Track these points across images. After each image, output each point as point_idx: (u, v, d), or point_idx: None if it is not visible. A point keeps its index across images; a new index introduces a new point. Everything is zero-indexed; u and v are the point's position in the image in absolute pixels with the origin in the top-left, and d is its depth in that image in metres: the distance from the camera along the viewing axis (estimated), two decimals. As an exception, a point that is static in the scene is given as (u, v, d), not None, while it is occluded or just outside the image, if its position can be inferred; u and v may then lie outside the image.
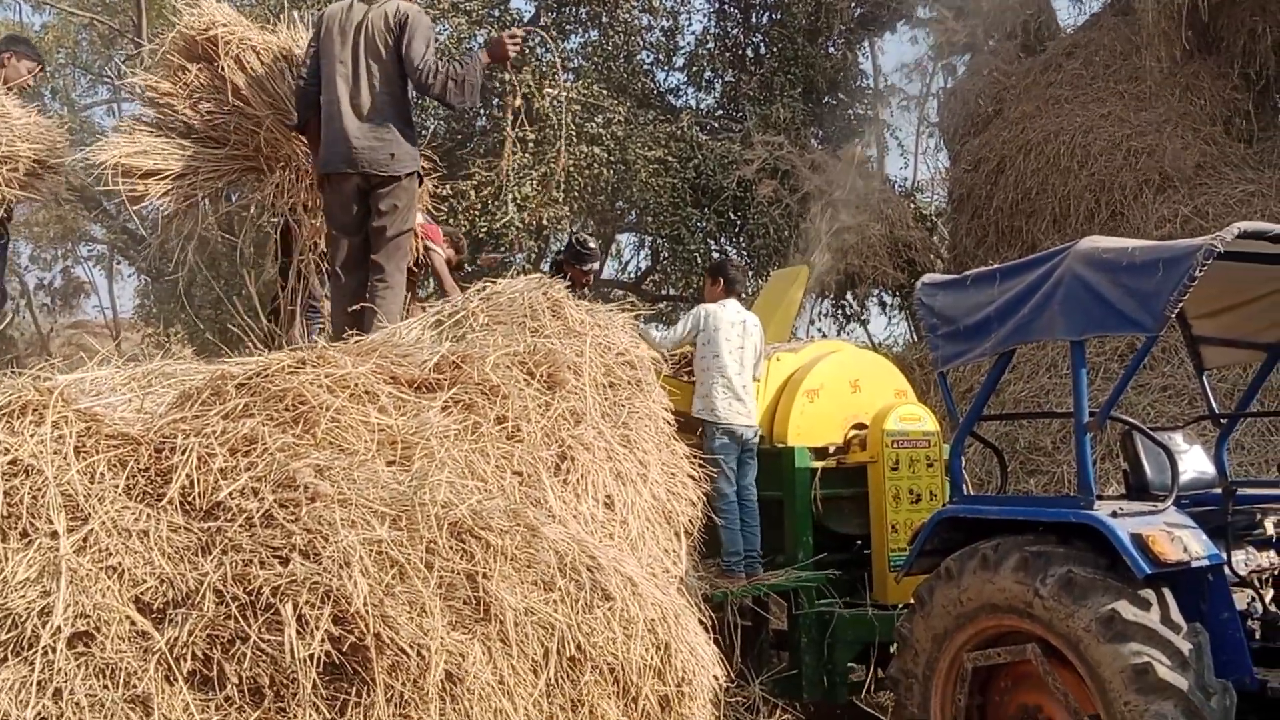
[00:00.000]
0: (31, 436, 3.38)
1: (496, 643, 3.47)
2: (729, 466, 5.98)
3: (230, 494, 3.46)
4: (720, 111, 15.32)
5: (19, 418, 3.43)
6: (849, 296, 13.93)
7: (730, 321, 6.18)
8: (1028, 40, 13.09)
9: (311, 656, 3.15)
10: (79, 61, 19.35)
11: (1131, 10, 11.42)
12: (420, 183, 5.76)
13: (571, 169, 12.35)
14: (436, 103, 5.66)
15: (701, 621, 4.37)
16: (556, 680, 3.57)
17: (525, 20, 14.61)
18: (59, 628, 3.04)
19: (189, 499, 3.47)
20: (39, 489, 3.30)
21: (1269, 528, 4.53)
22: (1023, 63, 12.74)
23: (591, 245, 7.89)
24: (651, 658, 3.81)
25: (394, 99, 5.48)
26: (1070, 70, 11.97)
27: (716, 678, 4.09)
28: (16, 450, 3.33)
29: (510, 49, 5.63)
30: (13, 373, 3.71)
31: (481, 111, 14.84)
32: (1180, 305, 4.05)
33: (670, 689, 3.86)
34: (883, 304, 14.43)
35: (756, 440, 6.19)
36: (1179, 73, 11.07)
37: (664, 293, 15.56)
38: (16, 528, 3.23)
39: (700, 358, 6.09)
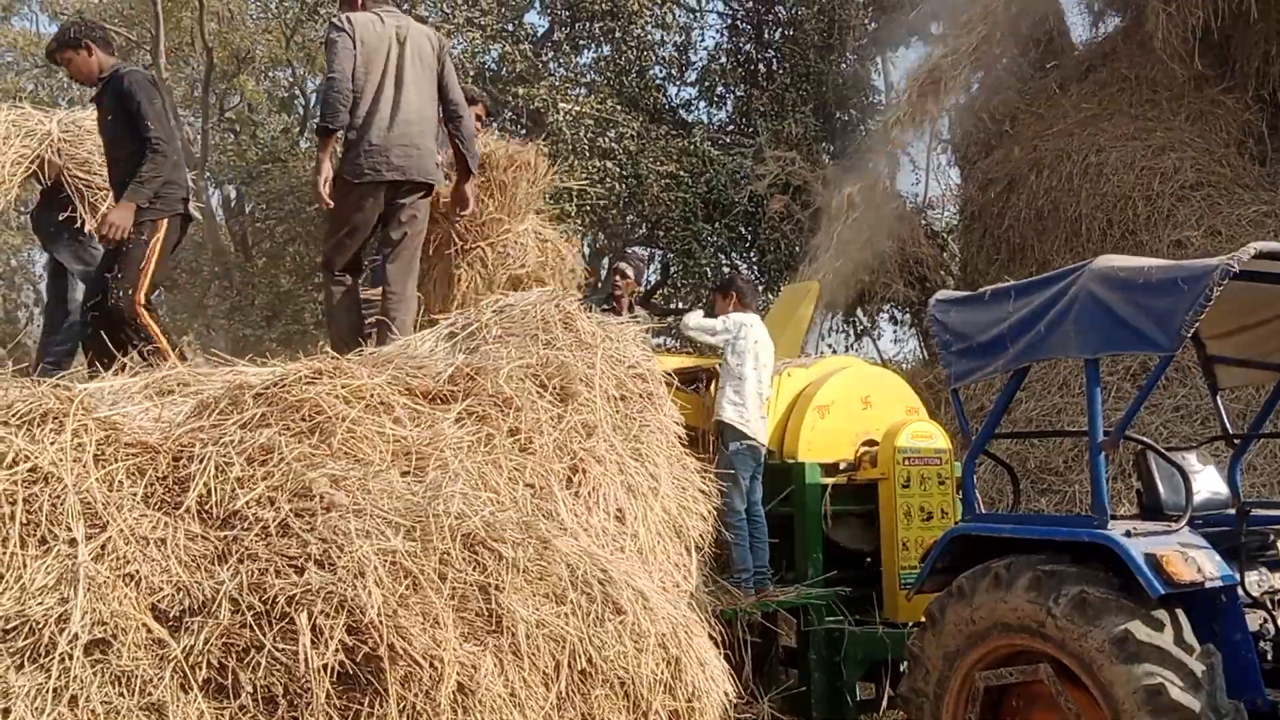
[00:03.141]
0: (51, 444, 3.40)
1: (508, 655, 3.47)
2: (744, 479, 5.99)
3: (247, 503, 3.48)
4: (732, 126, 15.36)
5: (39, 425, 3.45)
6: (859, 312, 13.93)
7: (768, 339, 6.24)
8: (1041, 59, 13.09)
9: (325, 666, 3.16)
10: (96, 72, 19.44)
11: (1146, 31, 11.41)
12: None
13: (584, 182, 12.40)
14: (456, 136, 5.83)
15: (712, 637, 4.36)
16: (567, 693, 3.58)
17: (539, 34, 14.69)
18: (76, 635, 3.05)
19: (206, 508, 3.49)
20: (58, 496, 3.31)
21: (1282, 549, 4.53)
22: (1036, 81, 12.75)
23: (626, 251, 8.02)
24: (662, 672, 3.81)
25: (434, 114, 5.65)
26: (1083, 89, 11.98)
27: (726, 694, 4.09)
28: (36, 458, 3.35)
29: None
30: (32, 381, 3.73)
31: (494, 125, 14.91)
32: (1196, 325, 4.05)
33: (680, 704, 3.86)
34: (893, 320, 14.43)
35: (765, 459, 6.20)
36: (1193, 94, 11.07)
37: (674, 307, 15.58)
38: (36, 535, 3.24)
39: (737, 365, 6.10)
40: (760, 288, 13.79)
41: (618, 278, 7.80)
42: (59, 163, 5.90)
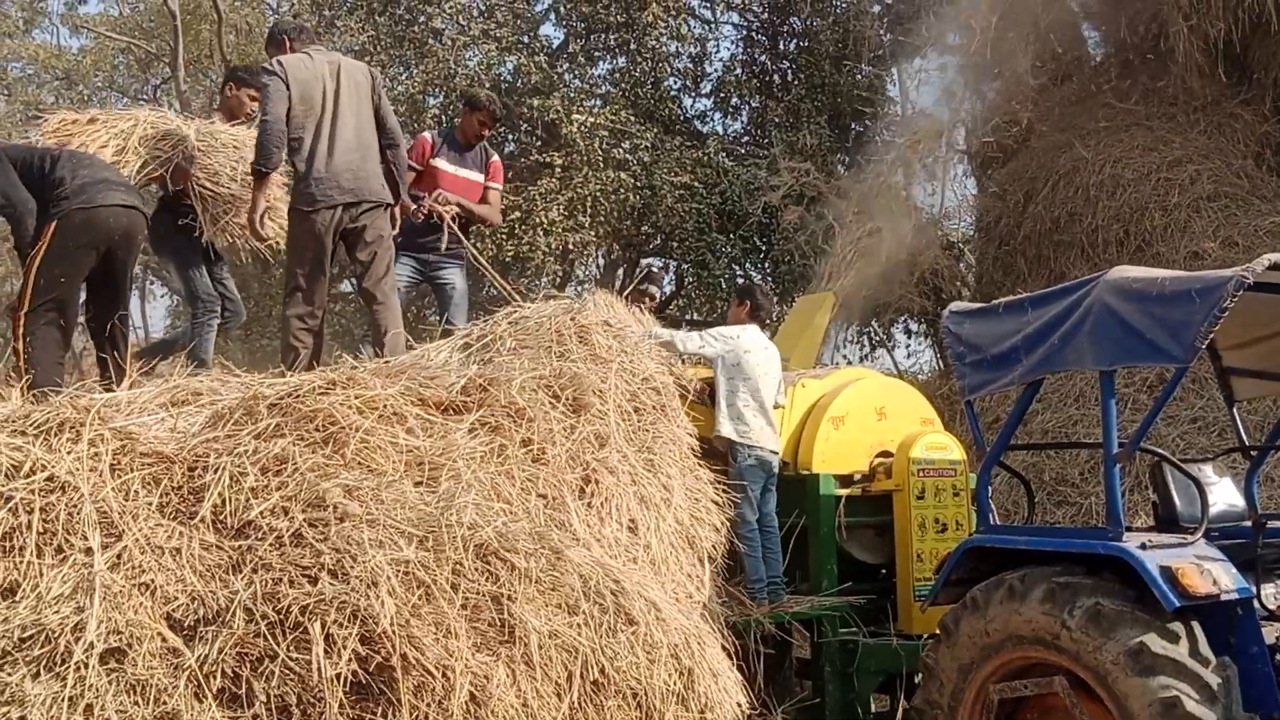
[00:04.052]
0: (68, 454, 3.44)
1: (520, 665, 3.48)
2: (754, 492, 5.97)
3: (261, 513, 3.51)
4: (747, 137, 15.36)
5: (56, 435, 3.49)
6: (874, 323, 13.90)
7: (761, 346, 6.21)
8: (1058, 70, 13.06)
9: (338, 676, 3.18)
10: (116, 85, 19.69)
11: (1163, 42, 11.38)
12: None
13: (598, 194, 12.43)
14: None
15: (725, 648, 4.36)
16: (579, 704, 3.58)
17: (554, 46, 14.75)
18: (92, 644, 3.07)
19: (220, 517, 3.52)
20: (75, 505, 3.35)
21: (1300, 562, 4.49)
22: (1052, 92, 12.71)
23: (652, 271, 8.04)
24: (675, 683, 3.81)
25: (375, 140, 5.85)
26: (1100, 100, 11.94)
27: (739, 705, 4.09)
28: (53, 467, 3.39)
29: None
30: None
31: (510, 136, 14.99)
32: (1210, 336, 4.03)
33: (693, 715, 3.86)
34: (908, 331, 14.40)
35: (778, 468, 6.19)
36: (1210, 105, 11.02)
37: (688, 318, 15.58)
38: (52, 544, 3.28)
39: (729, 379, 6.07)
40: (775, 299, 13.78)
41: (646, 300, 7.83)
42: (188, 169, 6.01)
